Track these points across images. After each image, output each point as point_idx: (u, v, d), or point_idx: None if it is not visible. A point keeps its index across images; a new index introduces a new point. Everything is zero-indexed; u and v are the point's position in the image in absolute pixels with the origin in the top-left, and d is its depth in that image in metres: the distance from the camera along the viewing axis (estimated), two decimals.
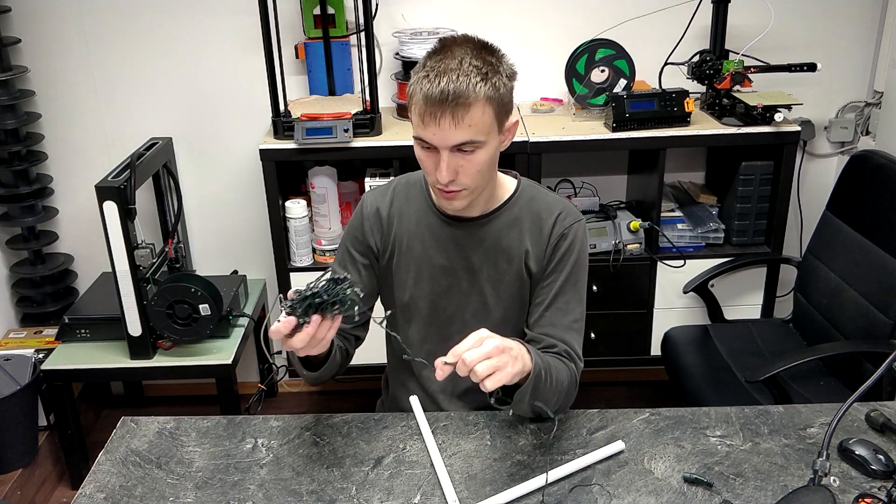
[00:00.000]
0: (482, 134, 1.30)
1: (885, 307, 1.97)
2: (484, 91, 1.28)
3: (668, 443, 1.35)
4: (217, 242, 2.83)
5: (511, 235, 1.47)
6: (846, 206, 2.21)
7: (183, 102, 2.65)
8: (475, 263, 1.48)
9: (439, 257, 1.49)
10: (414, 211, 1.51)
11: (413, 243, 1.50)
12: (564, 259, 1.45)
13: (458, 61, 1.27)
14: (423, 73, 1.29)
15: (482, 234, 1.47)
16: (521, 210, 1.48)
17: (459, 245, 1.48)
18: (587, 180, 2.72)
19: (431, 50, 1.33)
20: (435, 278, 1.50)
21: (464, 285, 1.50)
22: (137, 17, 2.55)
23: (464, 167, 1.32)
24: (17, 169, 2.55)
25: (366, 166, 2.50)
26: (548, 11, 2.58)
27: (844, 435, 1.33)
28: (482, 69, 1.28)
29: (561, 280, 1.45)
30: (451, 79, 1.25)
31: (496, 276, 1.48)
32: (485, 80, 1.28)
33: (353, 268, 1.53)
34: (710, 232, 2.51)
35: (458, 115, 1.26)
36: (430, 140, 1.30)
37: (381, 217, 1.52)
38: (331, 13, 2.48)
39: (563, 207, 1.48)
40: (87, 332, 2.44)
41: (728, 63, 2.40)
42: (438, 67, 1.27)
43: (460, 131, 1.28)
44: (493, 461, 1.32)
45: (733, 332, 2.37)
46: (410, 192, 1.53)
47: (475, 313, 1.50)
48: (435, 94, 1.25)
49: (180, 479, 1.30)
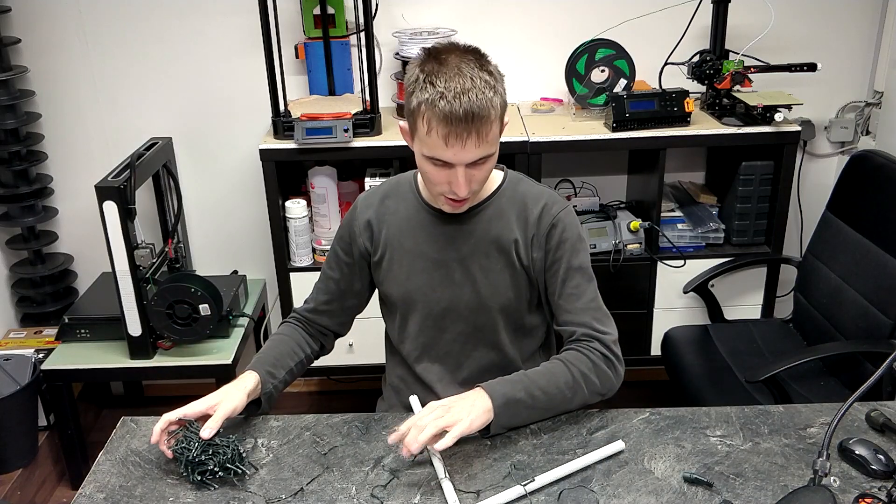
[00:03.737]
0: (495, 145, 1.35)
1: (886, 307, 1.97)
2: (498, 104, 1.31)
3: (668, 443, 1.35)
4: (217, 242, 2.83)
5: (500, 225, 1.49)
6: (846, 206, 2.21)
7: (183, 102, 2.65)
8: (466, 255, 1.50)
9: (431, 251, 1.51)
10: (404, 209, 1.53)
11: (405, 240, 1.52)
12: (561, 247, 1.47)
13: (469, 79, 1.28)
14: (434, 92, 1.28)
15: (472, 225, 1.49)
16: (507, 200, 1.50)
17: (450, 238, 1.50)
18: (587, 180, 2.72)
19: (425, 59, 1.33)
20: (428, 272, 1.51)
21: (456, 277, 1.51)
22: (137, 17, 2.55)
23: (475, 176, 1.37)
24: (17, 169, 2.55)
25: (366, 166, 2.50)
26: (548, 11, 2.58)
27: (844, 435, 1.33)
28: (489, 81, 1.30)
29: (563, 268, 1.47)
30: (471, 98, 1.27)
31: (488, 266, 1.50)
32: (495, 93, 1.30)
33: (338, 268, 1.59)
34: (710, 232, 2.51)
35: (482, 133, 1.29)
36: (448, 159, 1.32)
37: (370, 222, 1.55)
38: (331, 13, 2.48)
39: (549, 197, 1.51)
40: (87, 332, 2.44)
41: (728, 63, 2.40)
42: (454, 87, 1.27)
43: (481, 148, 1.32)
44: (493, 461, 1.32)
45: (733, 332, 2.37)
46: (401, 191, 1.56)
47: (469, 304, 1.52)
48: (459, 114, 1.26)
49: (180, 480, 1.30)
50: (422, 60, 1.33)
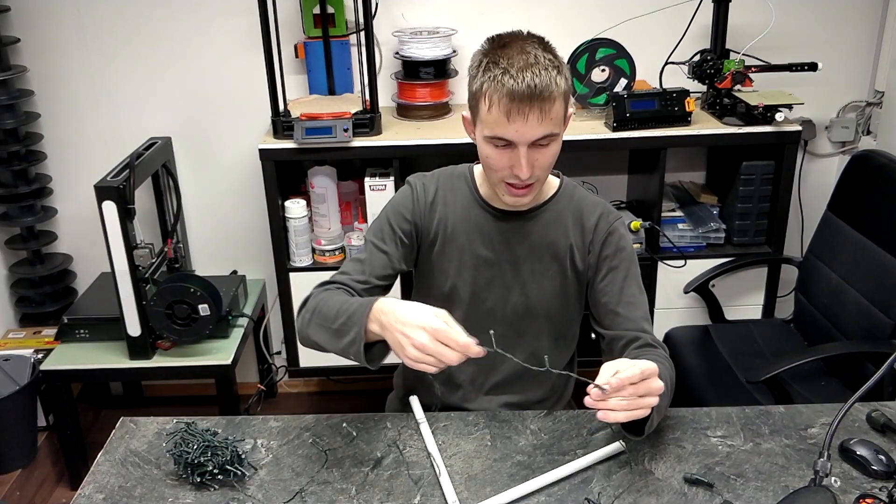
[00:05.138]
0: (559, 126, 1.33)
1: (886, 307, 1.97)
2: (562, 84, 1.30)
3: (668, 443, 1.35)
4: (216, 242, 2.82)
5: (557, 230, 1.48)
6: (847, 205, 2.21)
7: (182, 102, 2.65)
8: (519, 257, 1.49)
9: (484, 249, 1.49)
10: (459, 201, 1.50)
11: (457, 233, 1.49)
12: (618, 255, 1.47)
13: (533, 56, 1.28)
14: (497, 70, 1.28)
15: (528, 228, 1.48)
16: (565, 206, 1.50)
17: (505, 238, 1.48)
18: (587, 180, 2.72)
19: (489, 47, 1.33)
20: (478, 269, 1.49)
21: (507, 278, 1.49)
22: (137, 17, 2.55)
23: (538, 160, 1.34)
24: (17, 169, 2.54)
25: (365, 166, 2.50)
26: (548, 11, 2.58)
27: (845, 435, 1.33)
28: (554, 62, 1.30)
29: (621, 276, 1.46)
30: (535, 73, 1.26)
31: (540, 271, 1.49)
32: (559, 73, 1.30)
33: (391, 241, 1.48)
34: (710, 232, 2.51)
35: (544, 109, 1.28)
36: (510, 137, 1.30)
37: (429, 200, 1.50)
38: (330, 12, 2.48)
39: (604, 206, 1.52)
40: (87, 332, 2.44)
41: (729, 62, 2.40)
42: (517, 63, 1.27)
43: (544, 125, 1.29)
44: (493, 461, 1.32)
45: (734, 332, 2.37)
46: (455, 184, 1.52)
47: (515, 307, 1.50)
48: (522, 89, 1.26)
49: (180, 480, 1.29)
50: (485, 49, 1.34)
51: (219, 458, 1.27)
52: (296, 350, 2.57)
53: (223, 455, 1.28)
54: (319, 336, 1.34)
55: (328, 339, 1.32)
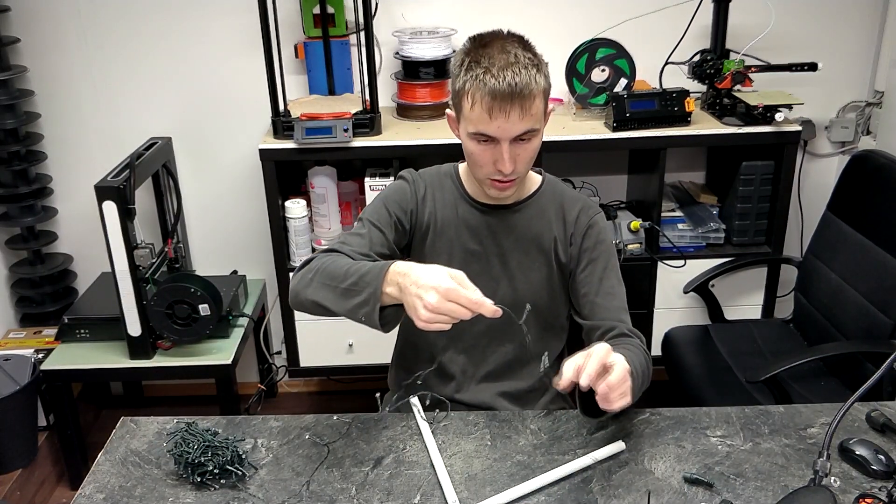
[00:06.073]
0: (539, 122, 1.38)
1: (886, 307, 1.97)
2: (541, 82, 1.35)
3: (668, 443, 1.35)
4: (216, 242, 2.82)
5: (541, 223, 1.53)
6: (847, 206, 2.21)
7: (182, 102, 2.65)
8: (507, 250, 1.53)
9: (472, 243, 1.54)
10: (447, 197, 1.56)
11: (447, 228, 1.54)
12: (598, 248, 1.52)
13: (514, 55, 1.33)
14: (479, 69, 1.33)
15: (514, 221, 1.53)
16: (548, 200, 1.55)
17: (492, 232, 1.53)
18: (587, 180, 2.72)
19: (471, 46, 1.38)
20: (466, 263, 1.52)
21: (495, 271, 1.54)
22: (137, 17, 2.55)
23: (520, 155, 1.39)
24: (17, 169, 2.55)
25: (366, 166, 2.50)
26: (548, 11, 2.58)
27: (845, 435, 1.33)
28: (534, 61, 1.35)
29: (600, 268, 1.51)
30: (515, 72, 1.31)
31: (527, 263, 1.53)
32: (539, 71, 1.35)
33: (387, 224, 1.49)
34: (710, 232, 2.51)
35: (525, 106, 1.33)
36: (493, 133, 1.35)
37: (420, 195, 1.55)
38: (330, 12, 2.48)
39: (585, 201, 1.56)
40: (87, 332, 2.44)
41: (729, 63, 2.40)
42: (498, 62, 1.32)
43: (525, 122, 1.34)
44: (493, 461, 1.32)
45: (734, 332, 2.37)
46: (442, 181, 1.58)
47: (503, 298, 1.52)
48: (503, 88, 1.31)
49: (180, 480, 1.29)
50: (467, 48, 1.39)
51: (219, 457, 1.28)
52: (296, 350, 2.57)
53: (223, 455, 1.28)
54: (321, 295, 1.31)
55: (333, 298, 1.30)
